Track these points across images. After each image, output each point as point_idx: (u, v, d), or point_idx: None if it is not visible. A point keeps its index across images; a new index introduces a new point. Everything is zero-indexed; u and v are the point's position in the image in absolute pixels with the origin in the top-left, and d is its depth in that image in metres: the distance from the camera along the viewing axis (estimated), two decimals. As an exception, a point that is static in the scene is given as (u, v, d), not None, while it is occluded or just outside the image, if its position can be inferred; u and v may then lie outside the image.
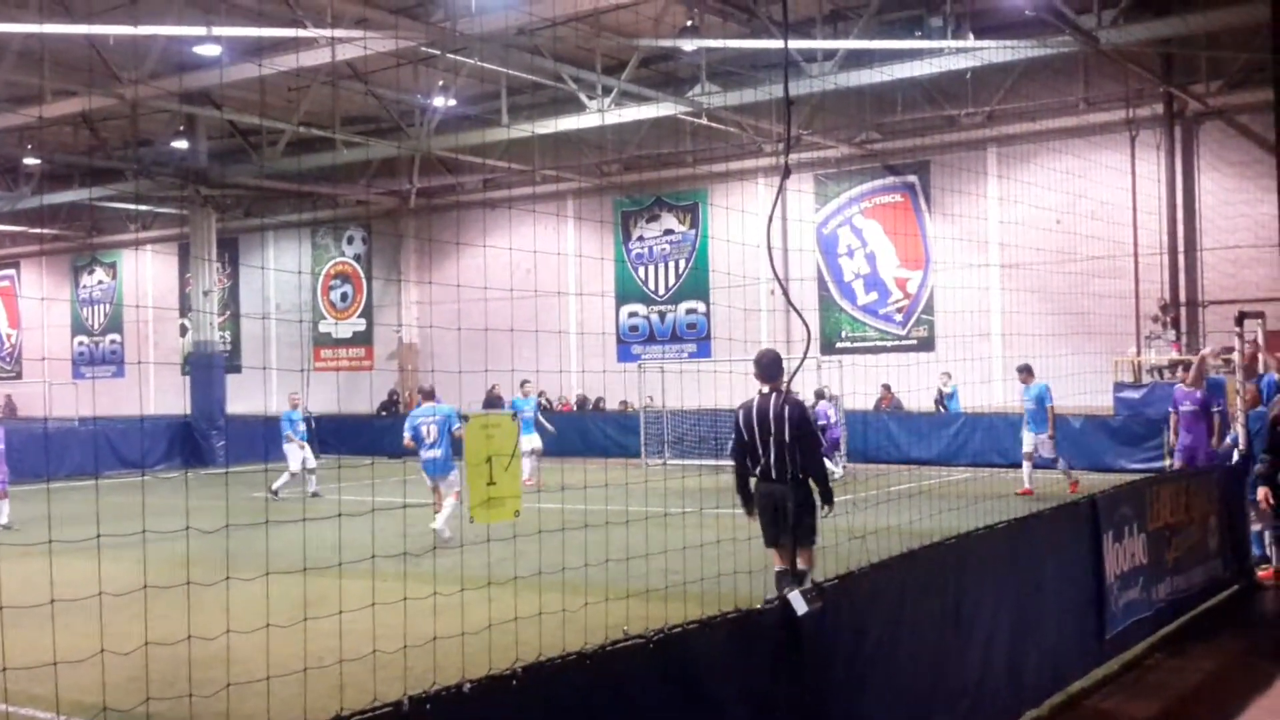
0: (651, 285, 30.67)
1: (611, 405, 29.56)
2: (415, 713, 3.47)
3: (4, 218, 35.89)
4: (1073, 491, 15.94)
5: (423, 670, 6.33)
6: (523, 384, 21.80)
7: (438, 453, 13.27)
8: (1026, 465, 17.57)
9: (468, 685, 3.69)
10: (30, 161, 30.86)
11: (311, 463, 20.15)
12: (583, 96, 23.29)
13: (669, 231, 30.39)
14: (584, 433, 27.23)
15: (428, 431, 13.25)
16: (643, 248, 30.83)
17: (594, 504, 16.39)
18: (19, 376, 42.71)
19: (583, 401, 30.50)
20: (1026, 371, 17.72)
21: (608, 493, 15.59)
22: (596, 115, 23.15)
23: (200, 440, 28.20)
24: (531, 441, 19.88)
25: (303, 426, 20.24)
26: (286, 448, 20.03)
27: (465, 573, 8.34)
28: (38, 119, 23.72)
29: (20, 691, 6.87)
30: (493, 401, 30.13)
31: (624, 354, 30.74)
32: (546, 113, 24.86)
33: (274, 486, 18.84)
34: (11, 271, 43.64)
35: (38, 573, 8.58)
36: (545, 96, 25.19)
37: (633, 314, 30.95)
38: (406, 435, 13.48)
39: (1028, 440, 17.66)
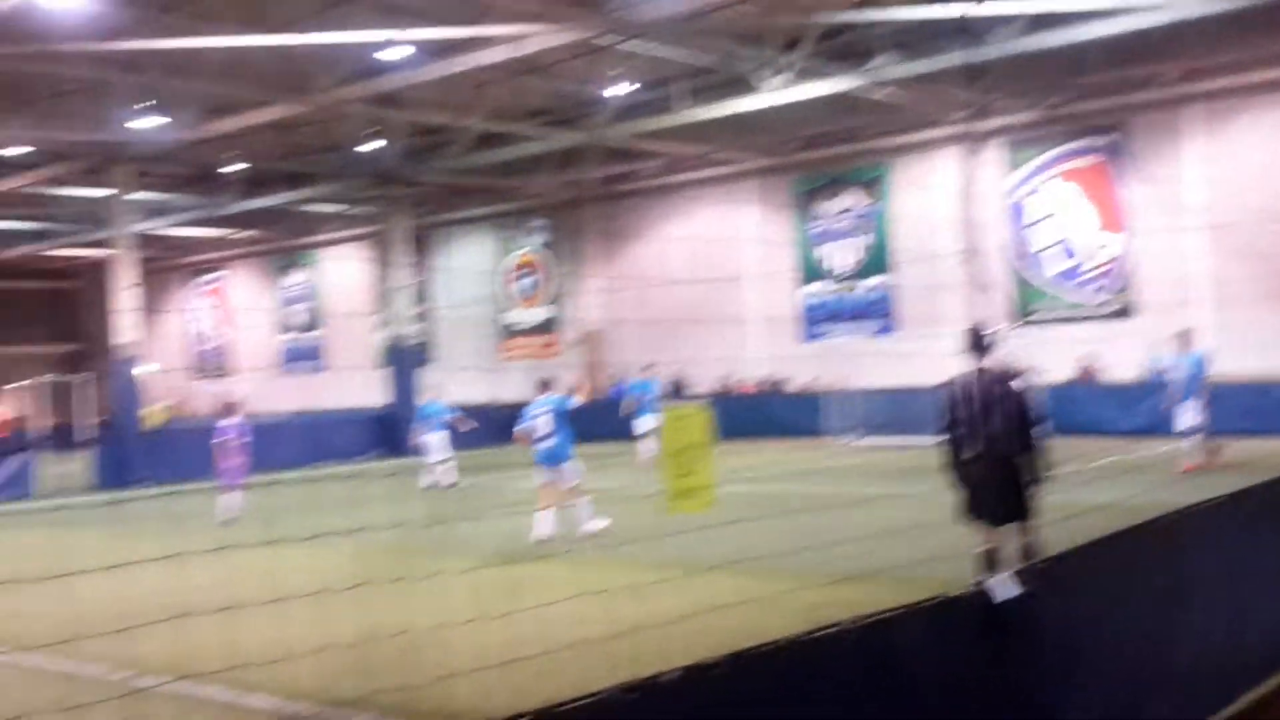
0: (833, 264, 30.29)
1: (796, 386, 29.35)
2: (622, 701, 3.51)
3: (211, 223, 37.92)
4: (1210, 465, 15.06)
5: (627, 657, 6.41)
6: (645, 367, 22.54)
7: (551, 442, 13.44)
8: (1189, 440, 16.22)
9: (674, 673, 3.71)
10: (233, 169, 32.44)
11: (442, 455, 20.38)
12: (757, 76, 23.10)
13: (848, 209, 29.93)
14: (765, 414, 27.12)
15: (543, 422, 13.44)
16: (823, 226, 30.45)
17: (782, 485, 16.32)
18: (229, 375, 45.12)
19: (766, 383, 30.37)
20: (1185, 338, 16.62)
21: (798, 475, 15.50)
22: (772, 94, 22.93)
23: (398, 431, 29.20)
24: (650, 423, 20.19)
25: (448, 419, 20.46)
26: (427, 439, 20.25)
27: (662, 558, 8.39)
28: (239, 128, 24.95)
29: (241, 679, 7.23)
30: (677, 388, 30.36)
31: (807, 334, 30.46)
32: (722, 94, 24.76)
33: (430, 483, 19.53)
34: (220, 274, 46.11)
35: (259, 564, 9.07)
36: (720, 78, 25.09)
37: (814, 294, 30.63)
38: (521, 427, 13.72)
39: (1187, 413, 16.14)
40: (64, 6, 17.70)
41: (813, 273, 30.53)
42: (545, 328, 36.30)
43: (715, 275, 30.84)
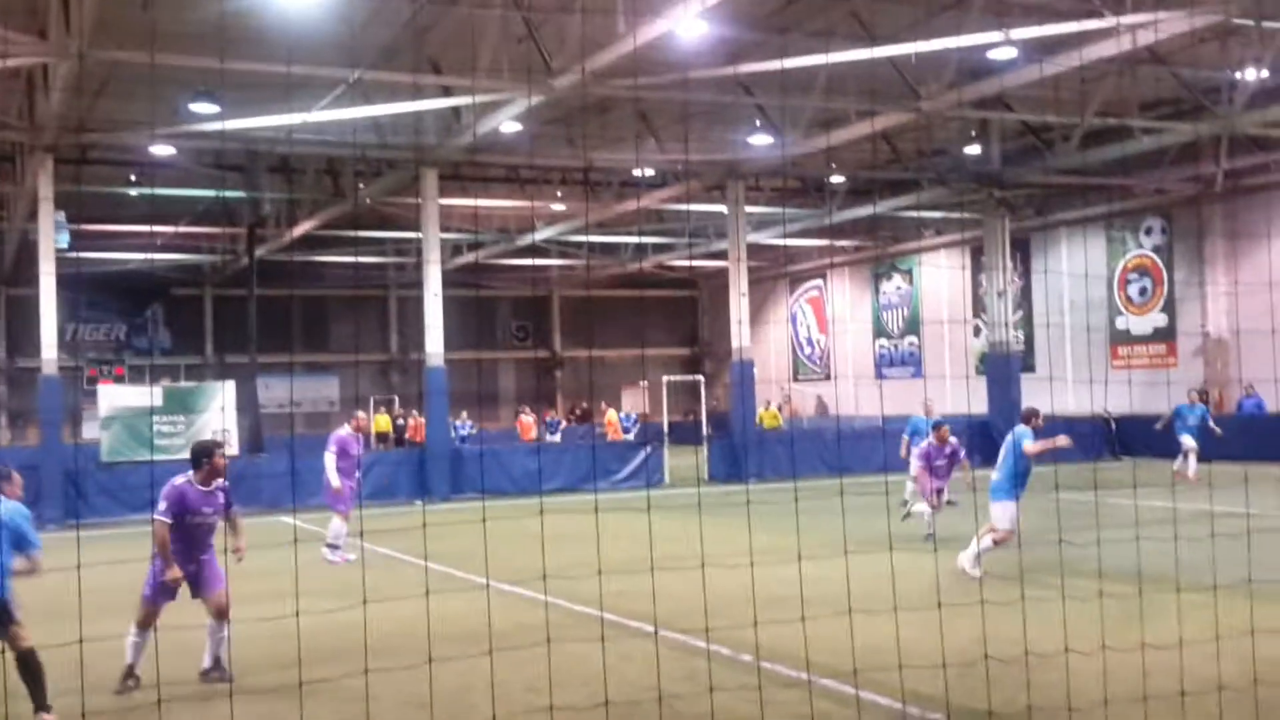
0: None
1: None
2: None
3: (813, 233, 39.49)
4: None
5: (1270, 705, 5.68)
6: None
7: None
8: None
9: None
10: (836, 179, 33.52)
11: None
12: None
13: None
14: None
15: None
16: None
17: None
18: (828, 378, 46.70)
19: None
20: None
21: None
22: None
23: (996, 439, 28.52)
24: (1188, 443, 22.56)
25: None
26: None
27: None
28: (841, 139, 25.66)
29: (865, 679, 7.33)
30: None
31: None
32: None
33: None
34: (819, 281, 47.89)
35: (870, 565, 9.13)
36: (1384, 50, 21.80)
37: None
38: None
39: None
40: (694, 36, 19.22)
41: None
42: (1161, 336, 33.69)
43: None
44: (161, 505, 8.56)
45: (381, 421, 36.86)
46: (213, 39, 18.58)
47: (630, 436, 34.36)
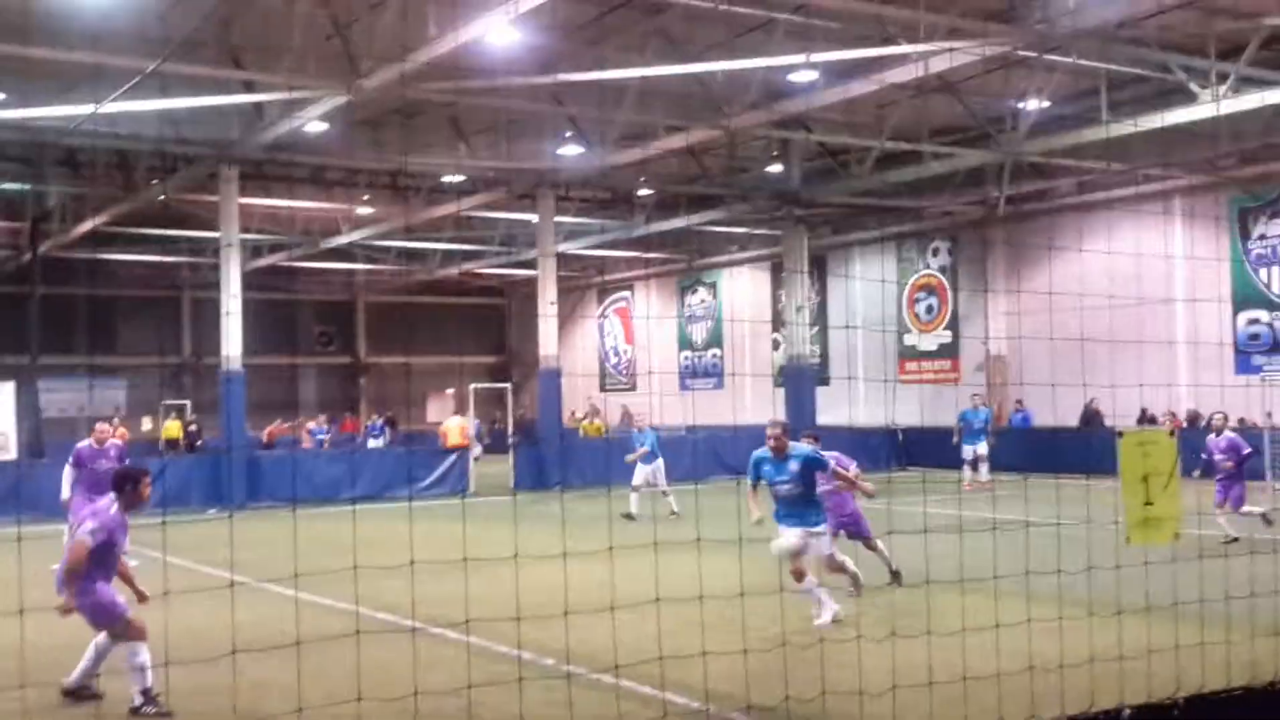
0: (1277, 289, 27.57)
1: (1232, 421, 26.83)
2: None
3: (621, 244, 39.95)
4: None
5: (1075, 693, 6.10)
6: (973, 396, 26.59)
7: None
8: None
9: (1127, 710, 3.47)
10: (643, 193, 34.03)
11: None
12: (1193, 86, 21.45)
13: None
14: (1192, 449, 24.98)
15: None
16: (1265, 247, 27.81)
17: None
18: (633, 389, 47.26)
19: (1194, 417, 28.04)
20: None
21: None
22: (1210, 105, 21.20)
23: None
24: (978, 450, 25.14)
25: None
26: None
27: (1093, 595, 7.94)
28: (652, 153, 26.10)
29: (663, 677, 7.49)
30: (1089, 418, 28.64)
31: (1243, 365, 27.89)
32: (1151, 106, 23.17)
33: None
34: (626, 293, 48.48)
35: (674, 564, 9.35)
36: (1150, 89, 23.52)
37: (1253, 320, 28.00)
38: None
39: None
40: (505, 43, 19.24)
41: (1253, 298, 27.94)
42: (946, 352, 35.42)
43: (1133, 298, 28.91)
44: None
45: (172, 428, 35.44)
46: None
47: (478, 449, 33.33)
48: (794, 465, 10.50)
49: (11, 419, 24.88)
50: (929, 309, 35.98)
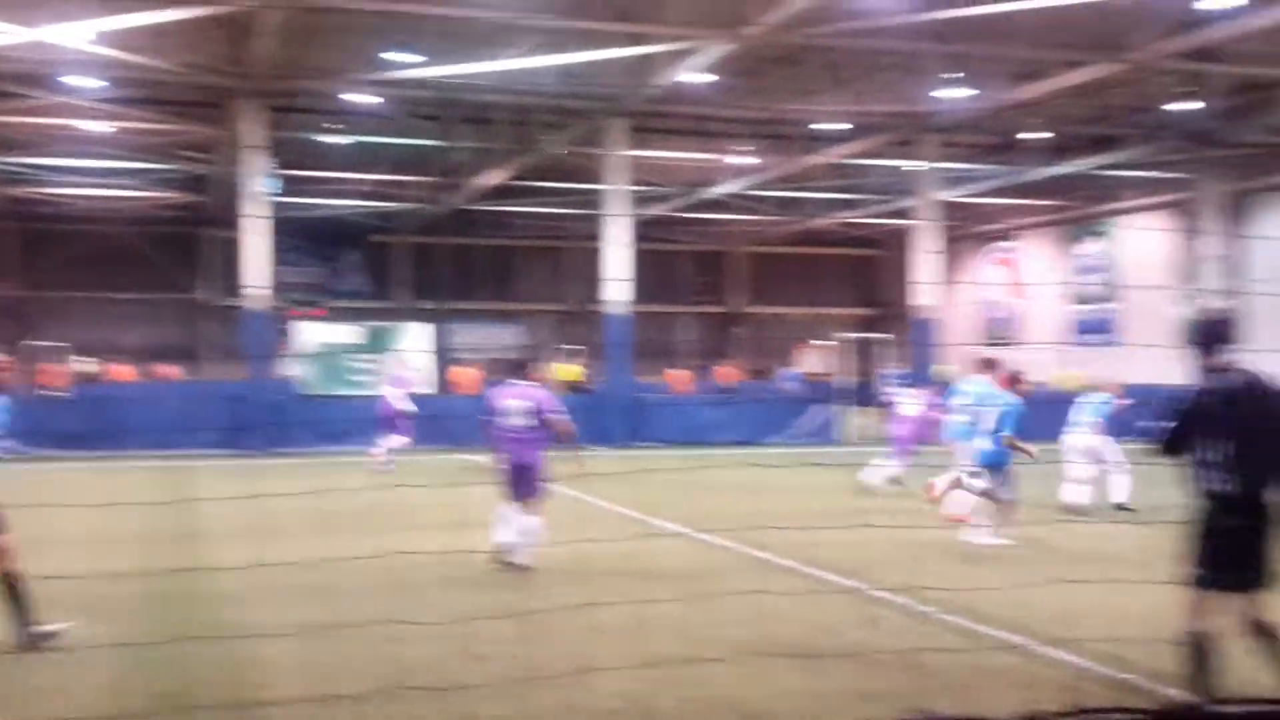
0: None
1: None
2: None
3: (1009, 191, 38.02)
4: None
5: None
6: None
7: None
8: None
9: None
10: (1035, 136, 32.11)
11: None
12: None
13: None
14: None
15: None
16: None
17: None
18: (1021, 344, 45.09)
19: None
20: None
21: None
22: None
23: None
24: None
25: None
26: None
27: None
28: (1044, 92, 24.57)
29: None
30: None
31: None
32: None
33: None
34: (1013, 243, 46.23)
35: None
36: None
37: None
38: None
39: None
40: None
41: None
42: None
43: None
44: None
45: (569, 370, 37.30)
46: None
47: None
48: None
49: (432, 358, 27.18)
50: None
